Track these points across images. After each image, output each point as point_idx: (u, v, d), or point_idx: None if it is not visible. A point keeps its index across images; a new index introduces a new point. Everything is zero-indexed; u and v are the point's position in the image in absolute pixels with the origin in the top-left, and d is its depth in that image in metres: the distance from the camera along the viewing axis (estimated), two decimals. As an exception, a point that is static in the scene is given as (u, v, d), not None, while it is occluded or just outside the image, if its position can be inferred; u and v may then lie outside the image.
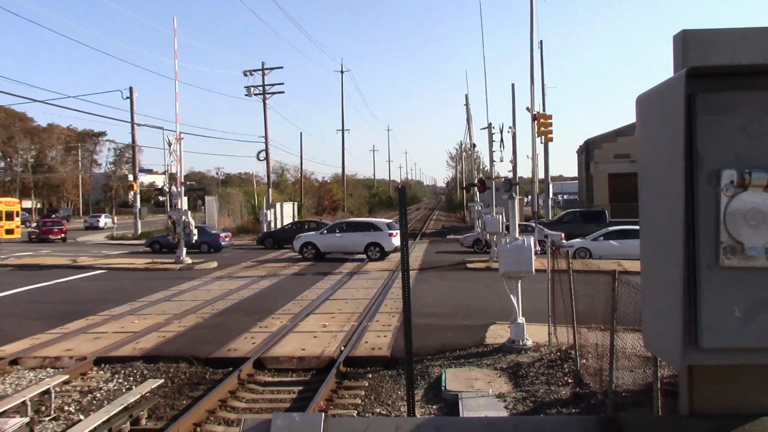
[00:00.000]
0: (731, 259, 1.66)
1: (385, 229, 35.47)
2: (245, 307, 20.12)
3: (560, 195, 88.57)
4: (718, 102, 1.67)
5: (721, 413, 1.88)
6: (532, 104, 36.34)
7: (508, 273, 13.81)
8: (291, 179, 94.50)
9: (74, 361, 13.77)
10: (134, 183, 54.44)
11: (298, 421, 1.95)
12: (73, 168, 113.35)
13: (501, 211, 28.76)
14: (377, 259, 34.28)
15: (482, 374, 12.12)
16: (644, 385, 9.06)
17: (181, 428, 9.69)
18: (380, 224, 36.49)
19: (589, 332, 11.87)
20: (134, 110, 55.76)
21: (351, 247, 35.43)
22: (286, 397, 11.78)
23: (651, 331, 1.98)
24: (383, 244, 35.02)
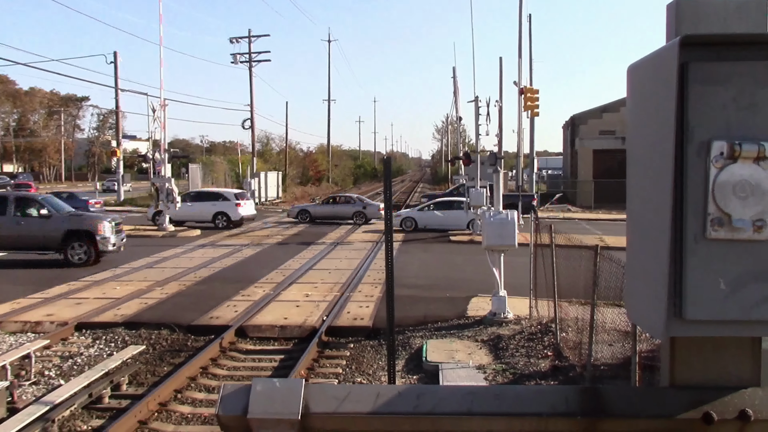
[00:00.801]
0: (718, 231, 1.66)
1: (233, 199, 37.03)
2: (228, 276, 20.08)
3: (545, 170, 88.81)
4: (710, 72, 1.65)
5: (701, 385, 1.89)
6: (519, 78, 36.22)
7: (491, 246, 13.84)
8: (276, 149, 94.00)
9: (55, 326, 13.71)
10: (117, 149, 53.99)
11: (278, 386, 1.94)
12: (56, 133, 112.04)
13: (485, 184, 28.79)
14: (224, 227, 35.89)
15: (463, 346, 12.19)
16: (622, 359, 9.16)
17: (162, 394, 9.69)
18: (228, 194, 38.23)
19: (569, 306, 11.95)
20: (118, 75, 55.10)
21: (198, 216, 36.81)
22: (267, 366, 11.80)
23: (634, 303, 1.97)
24: (230, 214, 36.47)
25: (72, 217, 22.73)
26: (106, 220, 22.53)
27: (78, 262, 21.71)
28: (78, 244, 21.88)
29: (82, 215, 24.14)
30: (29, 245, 21.94)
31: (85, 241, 21.85)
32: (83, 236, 21.91)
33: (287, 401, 1.89)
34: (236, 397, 1.92)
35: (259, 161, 65.70)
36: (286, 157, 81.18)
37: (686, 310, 1.68)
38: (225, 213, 36.45)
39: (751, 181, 1.64)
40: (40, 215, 22.01)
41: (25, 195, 26.26)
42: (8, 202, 22.23)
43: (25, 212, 22.13)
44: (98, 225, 21.92)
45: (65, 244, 21.84)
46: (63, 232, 21.85)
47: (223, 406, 1.91)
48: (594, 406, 1.89)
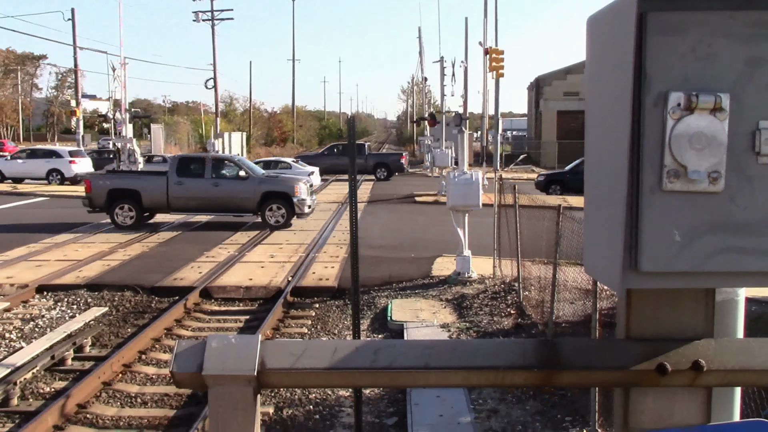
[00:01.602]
0: (674, 182, 1.65)
1: (66, 156, 38.32)
2: (191, 237, 19.92)
3: (509, 131, 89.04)
4: (669, 22, 1.63)
5: (656, 337, 1.91)
6: (484, 38, 36.03)
7: (456, 206, 13.90)
8: (240, 109, 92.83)
9: (15, 288, 13.51)
10: (77, 109, 52.67)
11: (234, 343, 1.92)
12: (13, 92, 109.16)
13: (450, 145, 28.82)
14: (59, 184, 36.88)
15: (428, 305, 12.30)
16: (583, 317, 9.32)
17: (126, 355, 9.64)
18: (62, 152, 39.53)
19: (532, 266, 12.09)
20: (76, 33, 53.59)
21: (33, 172, 37.92)
22: (232, 326, 11.79)
23: (592, 256, 1.98)
24: (63, 171, 37.65)
25: (268, 179, 22.02)
26: (302, 182, 21.72)
27: (275, 225, 21.07)
28: (276, 206, 21.09)
29: (278, 177, 23.52)
30: (227, 208, 21.28)
31: (282, 203, 21.11)
32: (281, 198, 21.17)
33: (243, 357, 1.87)
34: (191, 354, 1.89)
35: (222, 122, 64.79)
36: (251, 117, 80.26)
37: (642, 263, 1.69)
38: (59, 170, 37.63)
39: (707, 133, 1.64)
40: (237, 177, 21.32)
41: (222, 156, 25.32)
42: (206, 163, 21.61)
43: (222, 174, 21.48)
44: (295, 186, 21.14)
45: (262, 206, 21.14)
46: (261, 194, 21.08)
47: (178, 363, 1.88)
48: (550, 358, 1.91)
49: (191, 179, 21.18)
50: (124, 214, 21.17)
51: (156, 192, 21.02)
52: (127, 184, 21.64)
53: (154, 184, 21.14)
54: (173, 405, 8.35)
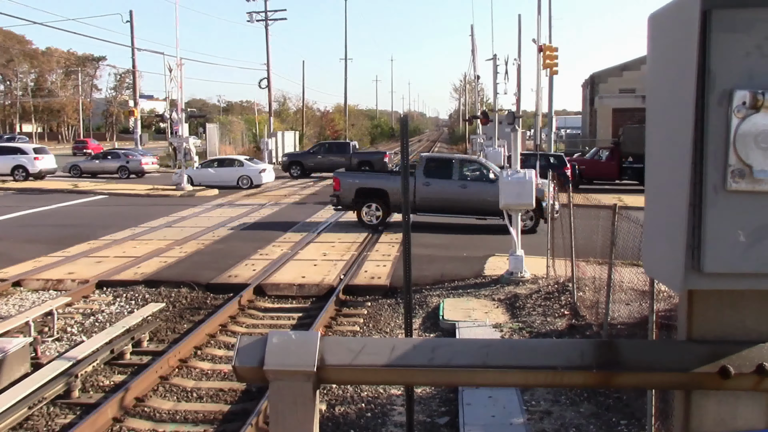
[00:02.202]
0: (739, 182, 1.63)
1: (31, 153, 39.78)
2: (245, 235, 20.21)
3: (563, 129, 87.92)
4: (733, 19, 1.61)
5: (718, 339, 1.88)
6: (538, 36, 35.71)
7: (508, 205, 13.80)
8: (293, 108, 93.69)
9: (76, 283, 13.90)
10: (135, 109, 54.12)
11: (294, 339, 1.95)
12: (74, 93, 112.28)
13: (503, 144, 28.60)
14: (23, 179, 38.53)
15: (480, 305, 12.24)
16: (640, 318, 9.15)
17: (182, 351, 9.84)
18: (26, 148, 40.98)
19: (587, 266, 11.93)
20: (134, 34, 54.97)
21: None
22: (285, 323, 11.93)
23: (652, 256, 1.95)
24: (28, 167, 39.11)
25: None
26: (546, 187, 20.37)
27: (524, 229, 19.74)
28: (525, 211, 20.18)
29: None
30: (473, 210, 21.00)
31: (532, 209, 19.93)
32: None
33: (303, 353, 1.90)
34: (252, 349, 1.93)
35: (276, 121, 65.59)
36: (303, 116, 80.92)
37: (704, 263, 1.66)
38: (23, 166, 39.18)
39: (774, 132, 1.61)
40: (485, 179, 20.98)
41: (469, 158, 24.86)
42: (453, 164, 21.55)
43: (468, 176, 21.38)
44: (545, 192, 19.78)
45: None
46: None
47: (240, 358, 1.93)
48: (609, 359, 1.89)
49: (438, 180, 20.93)
50: (371, 213, 21.23)
51: None
52: (376, 183, 21.55)
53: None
54: (228, 400, 8.49)
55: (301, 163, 43.49)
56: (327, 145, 46.29)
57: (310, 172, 43.04)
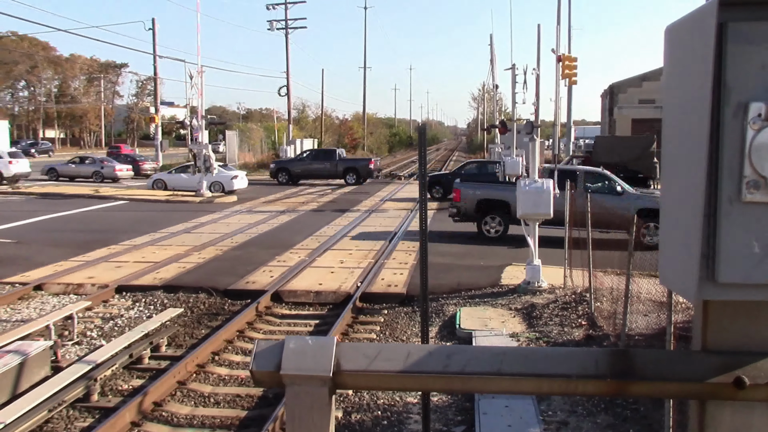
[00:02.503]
0: (754, 193, 1.64)
1: (6, 157, 40.57)
2: (264, 241, 20.30)
3: (582, 139, 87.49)
4: (750, 32, 1.62)
5: (733, 349, 1.88)
6: (557, 45, 35.64)
7: (526, 215, 13.78)
8: (312, 116, 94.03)
9: (96, 288, 14.04)
10: (156, 115, 54.54)
11: (311, 344, 1.97)
12: (96, 99, 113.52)
13: (521, 153, 28.53)
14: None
15: (496, 314, 12.21)
16: (657, 329, 9.10)
17: (200, 356, 9.91)
18: (1, 152, 41.37)
19: (604, 276, 11.88)
20: (156, 42, 55.43)
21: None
22: (302, 330, 11.97)
23: (667, 266, 1.96)
24: (2, 170, 39.92)
25: (645, 195, 20.95)
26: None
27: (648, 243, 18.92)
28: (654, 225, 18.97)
29: (654, 193, 22.04)
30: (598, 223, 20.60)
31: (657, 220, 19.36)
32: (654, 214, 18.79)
33: (319, 358, 1.93)
34: (269, 354, 1.96)
35: (295, 128, 65.88)
36: (322, 124, 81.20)
37: (719, 273, 1.67)
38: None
39: (789, 144, 1.62)
40: (611, 191, 20.60)
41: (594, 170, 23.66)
42: (577, 176, 21.02)
43: (595, 188, 20.72)
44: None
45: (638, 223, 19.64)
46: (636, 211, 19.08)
47: (257, 362, 1.95)
48: (624, 368, 1.90)
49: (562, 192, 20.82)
50: (493, 225, 21.00)
51: None
52: (498, 194, 21.12)
53: None
54: (245, 406, 8.53)
55: (288, 169, 44.10)
56: (314, 152, 47.20)
57: (297, 178, 43.73)
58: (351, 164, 44.54)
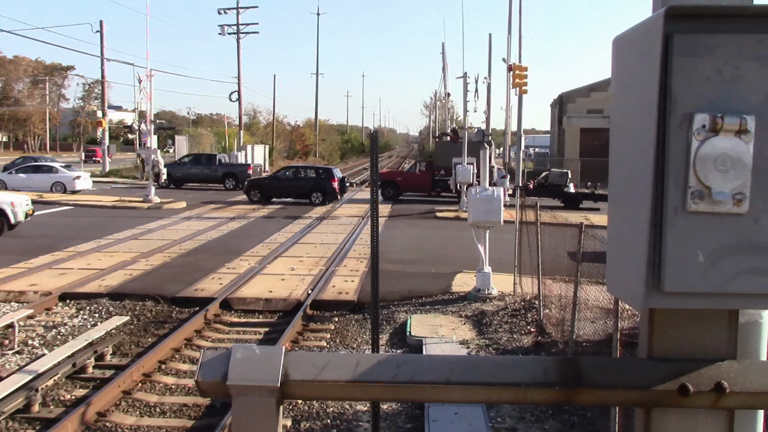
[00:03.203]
0: (698, 203, 1.66)
1: None
2: (213, 248, 20.04)
3: (532, 148, 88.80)
4: (695, 44, 1.65)
5: (679, 357, 1.91)
6: (508, 55, 36.01)
7: (477, 222, 13.88)
8: (263, 122, 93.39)
9: (39, 296, 13.66)
10: (103, 120, 53.54)
11: (258, 353, 1.94)
12: (41, 102, 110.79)
13: (473, 161, 28.80)
14: None
15: (447, 321, 12.27)
16: (604, 336, 9.24)
17: (146, 365, 9.71)
18: None
19: (553, 283, 12.02)
20: (104, 45, 54.38)
21: None
22: (251, 338, 11.84)
23: (614, 274, 1.98)
24: None
25: None
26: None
27: None
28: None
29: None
30: None
31: None
32: None
33: (267, 368, 1.89)
34: (216, 363, 1.92)
35: (246, 134, 65.28)
36: (273, 130, 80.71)
37: (665, 282, 1.69)
38: None
39: (732, 155, 1.65)
40: None
41: None
42: None
43: None
44: None
45: None
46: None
47: (203, 372, 1.91)
48: (572, 376, 1.91)
49: None
50: None
51: None
52: None
53: None
54: (192, 415, 8.39)
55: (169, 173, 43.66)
56: (195, 156, 47.87)
57: (178, 182, 43.99)
58: (230, 169, 45.43)
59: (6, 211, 20.55)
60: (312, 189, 34.62)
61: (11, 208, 20.58)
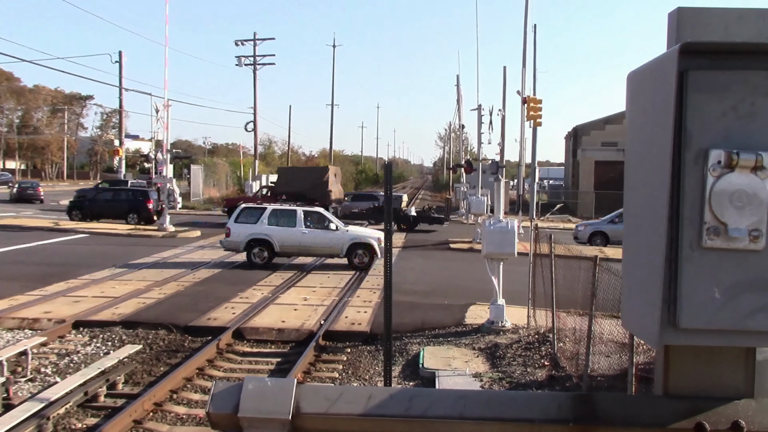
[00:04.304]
0: (714, 240, 1.65)
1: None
2: (227, 277, 20.07)
3: (546, 180, 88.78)
4: (710, 80, 1.65)
5: (695, 395, 1.88)
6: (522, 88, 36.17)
7: (491, 254, 13.83)
8: (278, 152, 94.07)
9: (53, 323, 13.70)
10: (120, 148, 54.11)
11: (270, 385, 1.93)
12: (59, 130, 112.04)
13: (486, 193, 28.82)
14: None
15: (460, 353, 12.17)
16: (619, 371, 9.14)
17: (158, 394, 9.69)
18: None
19: (567, 316, 11.94)
20: (122, 75, 55.09)
21: None
22: (263, 368, 11.79)
23: (630, 310, 1.97)
24: None
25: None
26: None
27: None
28: None
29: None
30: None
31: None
32: None
33: (278, 400, 1.88)
34: (227, 395, 1.91)
35: (261, 164, 65.66)
36: (288, 160, 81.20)
37: (681, 319, 1.67)
38: None
39: (748, 191, 1.64)
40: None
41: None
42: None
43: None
44: None
45: None
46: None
47: (214, 404, 1.90)
48: (587, 412, 1.88)
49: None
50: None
51: None
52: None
53: None
54: (202, 446, 8.34)
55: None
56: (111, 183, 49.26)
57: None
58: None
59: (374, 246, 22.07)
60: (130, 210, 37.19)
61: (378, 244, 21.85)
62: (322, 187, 38.41)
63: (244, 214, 23.00)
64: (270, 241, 22.29)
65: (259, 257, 22.41)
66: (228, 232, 22.59)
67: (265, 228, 22.44)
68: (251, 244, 22.44)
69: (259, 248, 22.46)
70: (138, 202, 36.64)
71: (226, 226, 23.11)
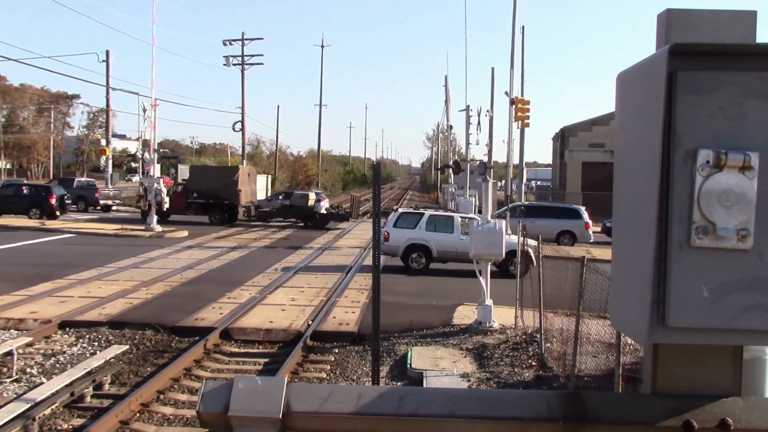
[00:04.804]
0: (703, 239, 1.67)
1: None
2: (214, 278, 20.00)
3: (534, 181, 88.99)
4: (699, 81, 1.66)
5: (683, 393, 1.90)
6: (510, 89, 36.30)
7: (479, 255, 13.87)
8: (266, 152, 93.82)
9: (38, 323, 13.61)
10: (107, 148, 53.63)
11: (260, 384, 1.93)
12: (45, 130, 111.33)
13: (474, 193, 28.88)
14: None
15: (448, 354, 12.19)
16: (606, 371, 9.19)
17: (145, 395, 9.64)
18: None
19: (555, 317, 11.97)
20: (110, 74, 54.72)
21: None
22: (251, 368, 11.76)
23: (618, 309, 1.98)
24: None
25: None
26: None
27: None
28: None
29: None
30: None
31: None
32: None
33: (269, 399, 1.88)
34: (217, 394, 1.91)
35: (248, 164, 65.52)
36: (276, 160, 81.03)
37: (669, 317, 1.69)
38: None
39: (736, 190, 1.65)
40: None
41: None
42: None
43: None
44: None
45: None
46: None
47: (204, 403, 1.90)
48: (576, 411, 1.90)
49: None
50: None
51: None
52: None
53: None
54: (190, 446, 8.30)
55: None
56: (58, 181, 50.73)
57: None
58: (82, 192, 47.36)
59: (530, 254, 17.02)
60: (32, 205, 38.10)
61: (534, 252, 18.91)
62: (232, 187, 38.97)
63: (402, 219, 22.88)
64: (428, 247, 22.17)
65: (417, 262, 22.31)
66: (387, 236, 21.99)
67: (423, 233, 22.33)
68: (410, 249, 22.35)
69: (417, 254, 22.37)
70: (40, 198, 37.87)
71: (384, 231, 22.22)
